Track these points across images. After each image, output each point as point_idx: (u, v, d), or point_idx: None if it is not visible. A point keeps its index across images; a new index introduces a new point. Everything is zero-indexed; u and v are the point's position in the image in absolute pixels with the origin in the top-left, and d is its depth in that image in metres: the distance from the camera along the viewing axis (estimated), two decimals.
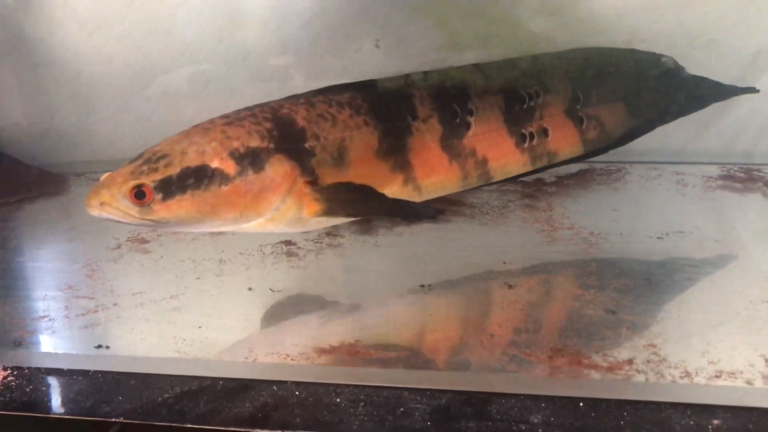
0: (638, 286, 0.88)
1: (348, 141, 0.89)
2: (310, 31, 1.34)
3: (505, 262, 0.96)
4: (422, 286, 0.91)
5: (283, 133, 0.86)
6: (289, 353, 0.77)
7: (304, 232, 1.08)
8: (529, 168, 1.05)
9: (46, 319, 0.88)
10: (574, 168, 1.27)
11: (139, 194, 0.79)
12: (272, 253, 1.03)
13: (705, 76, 1.17)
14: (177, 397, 0.73)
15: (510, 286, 0.90)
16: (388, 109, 0.93)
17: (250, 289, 0.93)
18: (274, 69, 1.38)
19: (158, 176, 0.80)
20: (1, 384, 0.78)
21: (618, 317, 0.81)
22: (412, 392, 0.72)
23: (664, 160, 1.29)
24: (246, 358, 0.77)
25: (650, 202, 1.14)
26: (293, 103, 0.90)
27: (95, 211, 0.79)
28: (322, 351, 0.78)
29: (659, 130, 1.17)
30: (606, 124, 1.11)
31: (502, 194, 1.20)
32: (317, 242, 1.06)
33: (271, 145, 0.84)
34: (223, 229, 0.87)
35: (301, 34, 1.34)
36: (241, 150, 0.83)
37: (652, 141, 1.20)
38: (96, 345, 0.81)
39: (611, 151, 1.17)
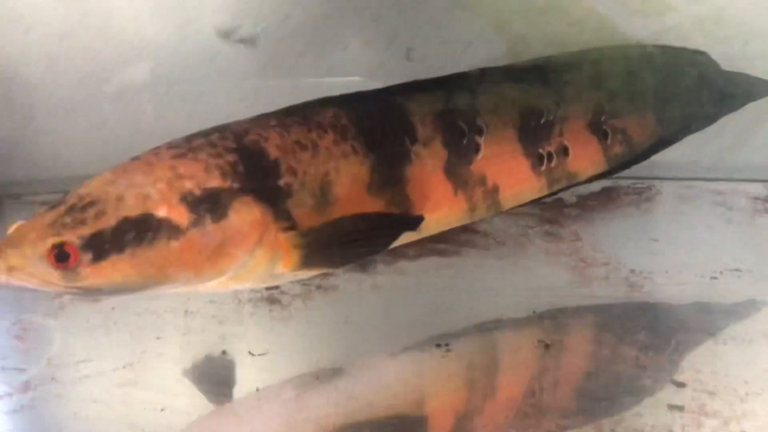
0: (702, 342, 0.72)
1: (333, 175, 0.70)
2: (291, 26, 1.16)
3: (535, 311, 0.80)
4: (438, 345, 0.74)
5: (251, 168, 0.67)
6: None
7: None
8: (545, 193, 0.88)
9: None
10: (596, 186, 1.11)
11: (60, 255, 0.60)
12: (250, 300, 0.85)
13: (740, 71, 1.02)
14: None
15: (547, 346, 0.73)
16: (381, 130, 0.75)
17: (224, 352, 0.75)
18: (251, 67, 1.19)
19: (86, 231, 0.60)
20: None
21: (692, 393, 0.65)
22: None
23: (695, 175, 1.13)
24: None
25: (693, 231, 0.98)
26: (262, 126, 0.71)
27: (2, 278, 0.59)
28: None
29: (690, 140, 1.02)
30: (633, 136, 0.95)
31: (518, 218, 1.04)
32: (305, 285, 0.88)
33: (236, 185, 0.65)
34: (172, 291, 0.68)
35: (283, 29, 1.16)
36: (196, 193, 0.64)
37: (682, 152, 1.05)
38: None
39: (635, 166, 1.02)
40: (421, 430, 0.63)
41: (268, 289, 0.87)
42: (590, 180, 0.94)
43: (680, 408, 0.63)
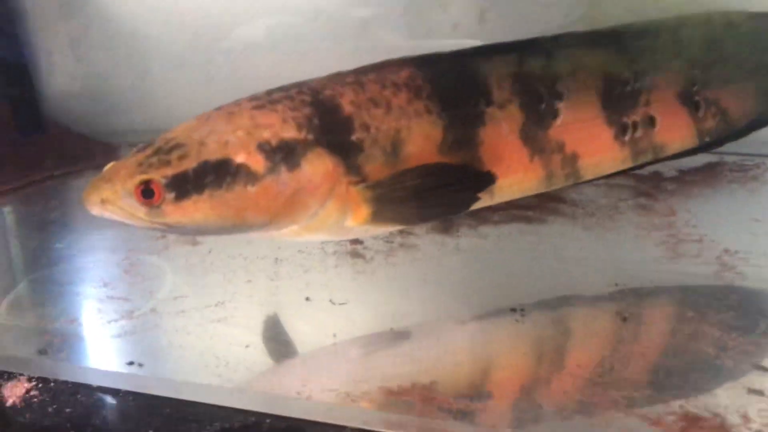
0: None
1: (405, 133, 0.72)
2: None
3: (617, 284, 0.78)
4: (513, 310, 0.75)
5: (325, 122, 0.69)
6: (349, 392, 0.63)
7: None
8: (629, 164, 0.85)
9: (75, 323, 0.77)
10: (699, 160, 1.06)
11: (146, 192, 0.65)
12: (335, 252, 0.89)
13: None
14: None
15: (624, 319, 0.72)
16: (456, 91, 0.75)
17: (307, 299, 0.79)
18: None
19: (170, 171, 0.65)
20: (23, 400, 0.68)
21: None
22: None
23: None
24: (298, 394, 0.63)
25: None
26: (338, 83, 0.73)
27: (95, 209, 0.66)
28: (389, 393, 0.63)
29: None
30: (729, 110, 0.89)
31: (611, 189, 1.01)
32: (388, 242, 0.91)
33: (310, 137, 0.68)
34: (248, 235, 0.72)
35: None
36: (273, 142, 0.67)
37: None
38: (128, 361, 0.69)
39: (744, 141, 0.96)
40: (488, 392, 0.64)
41: (352, 243, 0.90)
42: (681, 155, 0.89)
43: (760, 392, 0.61)
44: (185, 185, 0.65)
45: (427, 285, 0.82)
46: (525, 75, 0.77)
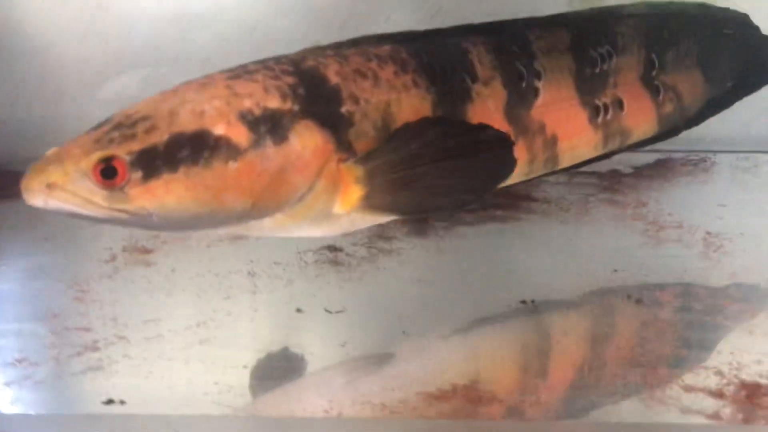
0: None
1: (395, 106, 0.65)
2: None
3: (616, 270, 0.77)
4: (523, 302, 0.71)
5: (312, 92, 0.61)
6: (384, 402, 0.56)
7: (348, 236, 0.86)
8: (600, 151, 0.84)
9: (25, 363, 0.63)
10: (649, 157, 1.09)
11: (107, 171, 0.54)
12: (316, 261, 0.81)
13: None
14: None
15: (637, 301, 0.70)
16: (441, 66, 0.70)
17: (298, 310, 0.71)
18: None
19: (136, 146, 0.54)
20: None
21: None
22: None
23: (748, 149, 1.11)
24: (326, 413, 0.55)
25: (760, 197, 0.96)
26: (318, 54, 0.66)
27: (38, 198, 0.54)
28: (430, 398, 0.56)
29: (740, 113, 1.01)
30: (683, 95, 0.91)
31: (574, 187, 1.01)
32: (369, 247, 0.85)
33: (296, 107, 0.60)
34: (222, 228, 0.62)
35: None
36: (256, 112, 0.58)
37: (731, 126, 1.04)
38: (105, 400, 0.57)
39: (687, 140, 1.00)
40: (534, 384, 0.59)
41: (331, 251, 0.83)
42: (640, 144, 0.90)
43: None
44: (155, 162, 0.55)
45: (422, 285, 0.77)
46: (503, 52, 0.74)
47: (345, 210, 0.63)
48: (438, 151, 0.63)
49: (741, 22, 0.98)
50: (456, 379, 0.58)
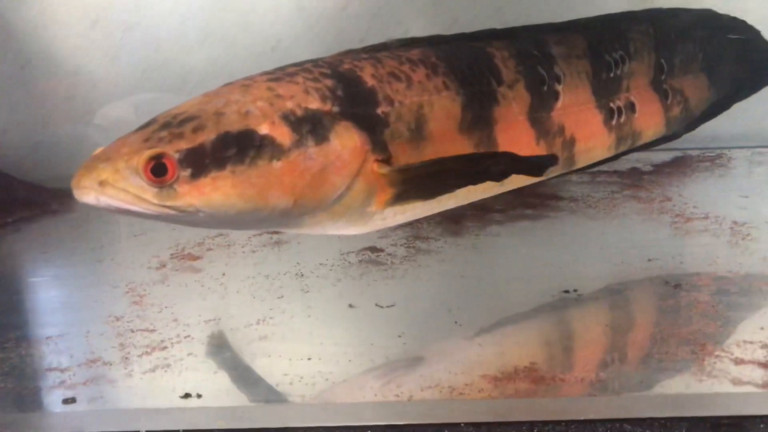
0: None
1: (427, 108, 0.68)
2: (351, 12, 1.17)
3: (650, 260, 0.80)
4: (566, 291, 0.74)
5: (350, 94, 0.64)
6: (452, 385, 0.58)
7: (386, 237, 0.89)
8: (612, 152, 0.87)
9: (98, 362, 0.66)
10: (666, 155, 1.13)
11: (157, 169, 0.55)
12: (360, 261, 0.84)
13: None
14: None
15: (676, 286, 0.73)
16: (468, 69, 0.72)
17: (351, 306, 0.74)
18: None
19: (185, 144, 0.56)
20: None
21: None
22: (636, 423, 0.54)
23: (761, 144, 1.15)
24: (397, 397, 0.58)
25: None
26: (354, 57, 0.68)
27: (90, 195, 0.55)
28: (494, 380, 0.59)
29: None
30: (690, 99, 0.96)
31: (598, 185, 1.05)
32: (408, 247, 0.88)
33: (336, 109, 0.62)
34: (263, 226, 0.64)
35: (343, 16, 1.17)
36: (298, 112, 0.60)
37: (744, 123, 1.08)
38: (182, 394, 0.60)
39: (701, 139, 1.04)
40: (598, 362, 0.62)
41: (372, 252, 0.86)
42: (649, 146, 0.94)
43: None
44: (203, 160, 0.56)
45: (465, 280, 0.80)
46: (525, 56, 0.77)
47: (378, 208, 0.65)
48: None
49: (739, 26, 1.03)
50: (516, 362, 0.61)
